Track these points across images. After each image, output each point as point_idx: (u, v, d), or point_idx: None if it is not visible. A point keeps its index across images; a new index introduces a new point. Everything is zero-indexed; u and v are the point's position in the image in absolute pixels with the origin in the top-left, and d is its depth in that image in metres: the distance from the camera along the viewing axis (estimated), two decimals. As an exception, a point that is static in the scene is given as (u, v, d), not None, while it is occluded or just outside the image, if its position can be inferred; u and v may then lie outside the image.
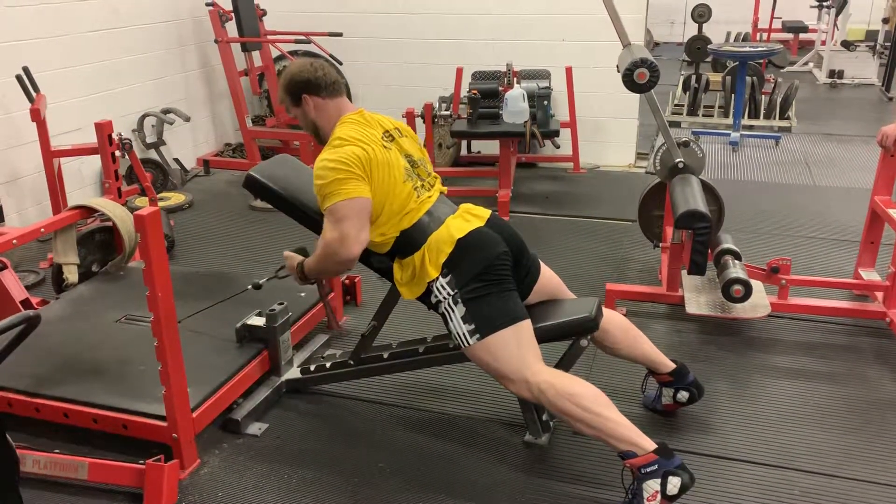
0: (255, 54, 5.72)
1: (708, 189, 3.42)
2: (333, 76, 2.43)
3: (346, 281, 3.43)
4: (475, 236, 2.27)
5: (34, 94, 3.99)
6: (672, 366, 2.53)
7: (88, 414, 2.43)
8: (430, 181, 2.43)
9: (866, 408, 2.67)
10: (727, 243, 3.21)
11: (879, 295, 3.24)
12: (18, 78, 3.94)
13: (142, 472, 2.22)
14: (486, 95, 4.78)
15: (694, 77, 6.91)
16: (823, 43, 9.28)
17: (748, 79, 6.36)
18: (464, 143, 5.65)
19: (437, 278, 2.24)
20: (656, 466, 2.03)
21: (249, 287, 2.73)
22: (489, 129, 4.65)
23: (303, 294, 3.12)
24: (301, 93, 2.39)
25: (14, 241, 3.01)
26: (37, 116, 3.85)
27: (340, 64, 5.65)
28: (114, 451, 2.42)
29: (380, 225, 2.30)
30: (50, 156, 3.94)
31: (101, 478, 2.27)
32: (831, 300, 3.29)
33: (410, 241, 2.29)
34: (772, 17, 10.22)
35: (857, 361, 2.97)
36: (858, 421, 2.60)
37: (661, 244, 3.62)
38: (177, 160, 5.42)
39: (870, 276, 3.41)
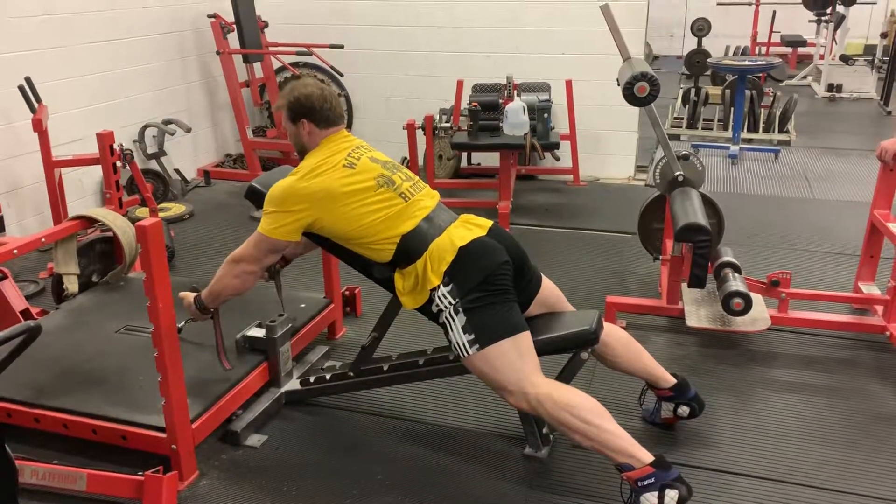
0: (257, 66, 5.75)
1: (708, 202, 3.43)
2: (339, 111, 2.46)
3: (346, 292, 3.43)
4: (477, 245, 2.28)
5: (36, 104, 4.00)
6: (673, 380, 2.53)
7: (88, 425, 2.43)
8: (420, 185, 2.45)
9: (866, 422, 2.67)
10: (727, 256, 3.22)
11: (879, 308, 3.25)
12: (21, 88, 3.96)
13: (141, 483, 2.21)
14: (486, 108, 4.79)
15: (693, 90, 6.94)
16: (822, 57, 9.33)
17: (747, 92, 6.38)
18: (464, 154, 5.67)
19: (439, 286, 2.24)
20: (653, 479, 2.03)
21: None
22: (489, 141, 4.67)
23: (303, 305, 3.13)
24: (302, 116, 2.41)
25: (15, 251, 3.01)
26: (39, 127, 3.86)
27: (341, 76, 5.69)
28: (113, 462, 2.42)
29: (364, 235, 2.31)
30: (51, 166, 3.95)
31: (100, 489, 2.26)
32: (831, 314, 3.28)
33: (411, 248, 2.29)
34: (770, 31, 10.27)
35: (857, 375, 2.97)
36: (858, 435, 2.60)
37: (660, 257, 3.62)
38: (177, 171, 5.43)
39: (870, 289, 3.41)
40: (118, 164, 3.52)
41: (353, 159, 2.36)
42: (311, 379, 2.80)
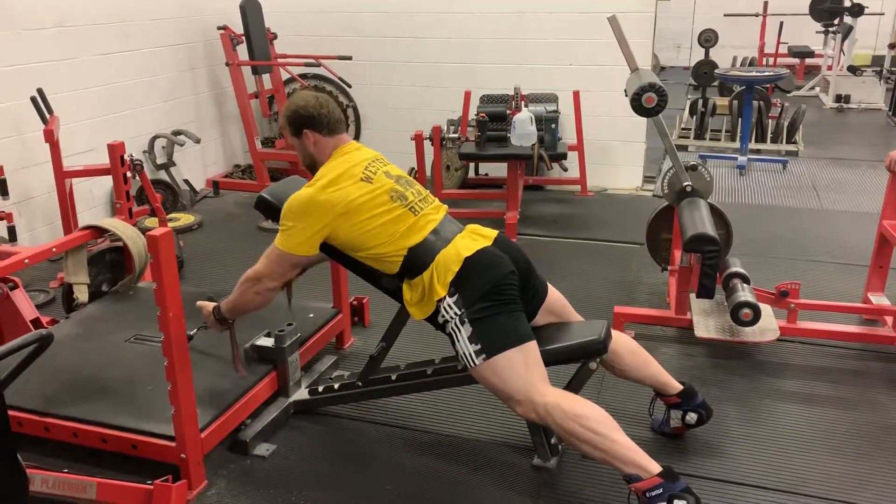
0: (266, 77, 5.79)
1: (716, 213, 3.43)
2: (337, 115, 2.47)
3: (355, 302, 3.44)
4: (483, 255, 2.28)
5: (48, 115, 4.03)
6: (680, 387, 2.53)
7: (97, 433, 2.44)
8: (429, 199, 2.46)
9: (877, 433, 2.66)
10: (735, 267, 3.21)
11: (889, 319, 3.23)
12: (33, 99, 3.99)
13: (150, 492, 2.21)
14: (494, 118, 4.81)
15: (701, 101, 6.95)
16: (830, 68, 9.33)
17: (755, 103, 6.38)
18: (472, 165, 5.68)
19: (445, 297, 2.24)
20: (661, 490, 2.02)
21: None
22: (497, 151, 4.68)
23: (311, 315, 3.13)
24: (303, 127, 2.43)
25: (26, 261, 3.03)
26: (50, 137, 3.89)
27: (349, 87, 5.72)
28: (122, 470, 2.42)
29: (375, 247, 2.33)
30: (62, 176, 3.98)
31: (110, 498, 2.25)
32: (841, 324, 3.27)
33: (419, 259, 2.30)
34: (778, 42, 10.29)
35: (867, 386, 2.95)
36: (868, 446, 2.58)
37: (669, 267, 3.62)
38: (186, 181, 5.46)
39: (879, 300, 3.40)
40: (128, 174, 3.54)
41: (369, 173, 2.37)
42: (320, 388, 2.80)
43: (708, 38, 8.73)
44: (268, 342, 2.78)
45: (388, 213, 2.32)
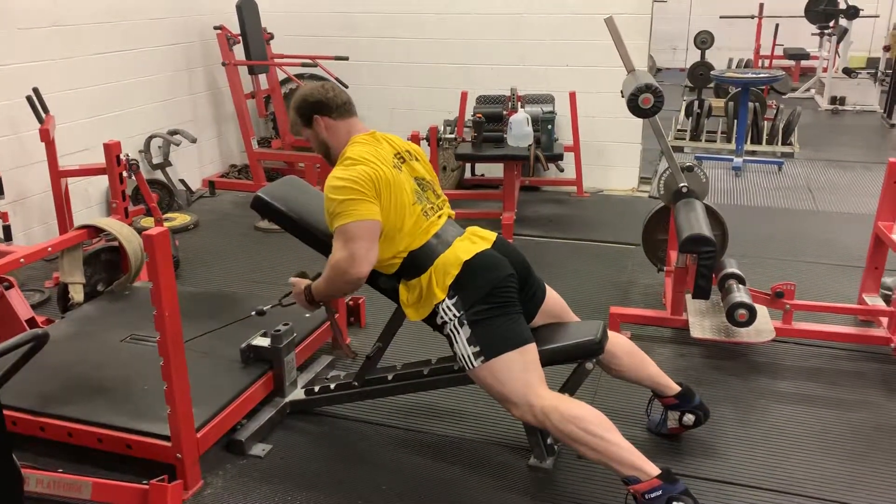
0: (262, 77, 5.78)
1: (712, 214, 3.43)
2: (345, 97, 2.45)
3: (350, 302, 3.44)
4: (481, 258, 2.28)
5: (44, 114, 4.03)
6: (677, 388, 2.53)
7: (93, 433, 2.43)
8: (440, 203, 2.45)
9: (871, 433, 2.67)
10: (731, 268, 3.22)
11: (884, 321, 3.24)
12: (29, 99, 3.98)
13: (145, 492, 2.21)
14: (490, 119, 4.82)
15: (696, 103, 6.96)
16: (825, 70, 9.36)
17: (750, 105, 6.40)
18: (468, 165, 5.69)
19: (444, 300, 2.25)
20: (660, 492, 2.02)
21: (253, 313, 2.73)
22: (493, 152, 4.69)
23: (307, 315, 3.13)
24: (313, 114, 2.41)
25: (21, 260, 3.02)
26: (46, 137, 3.89)
27: (346, 87, 5.69)
28: (118, 470, 2.42)
29: (390, 244, 2.31)
30: (58, 176, 3.98)
31: (105, 497, 2.26)
32: (836, 325, 3.28)
33: (418, 262, 2.30)
34: (774, 44, 10.32)
35: (861, 387, 2.96)
36: (863, 446, 2.59)
37: (665, 268, 3.63)
38: (182, 181, 5.45)
39: (874, 301, 3.40)
40: (124, 174, 3.54)
41: (397, 162, 2.36)
42: (316, 388, 2.80)
43: (704, 40, 8.76)
44: (264, 342, 2.77)
45: (408, 209, 2.30)
